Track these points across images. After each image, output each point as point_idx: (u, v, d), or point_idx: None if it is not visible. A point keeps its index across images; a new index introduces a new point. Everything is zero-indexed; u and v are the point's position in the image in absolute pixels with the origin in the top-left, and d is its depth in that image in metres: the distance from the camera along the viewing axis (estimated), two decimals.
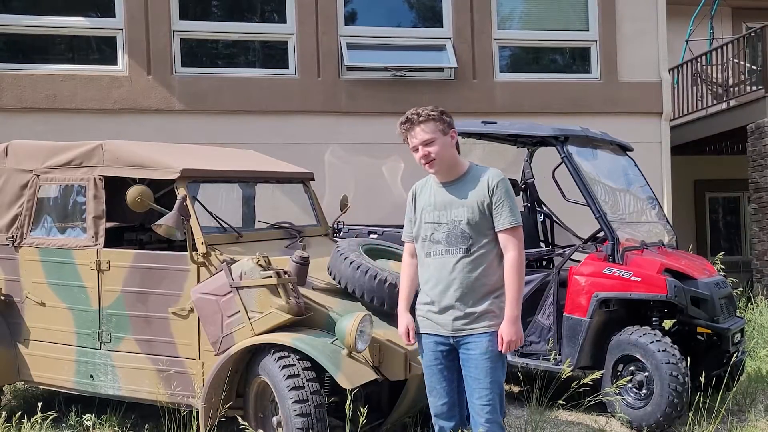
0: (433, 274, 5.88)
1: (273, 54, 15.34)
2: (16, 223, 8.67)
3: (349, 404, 6.31)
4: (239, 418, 6.98)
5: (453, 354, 5.94)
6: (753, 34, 18.29)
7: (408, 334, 6.00)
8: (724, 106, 19.21)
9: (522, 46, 16.45)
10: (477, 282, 5.80)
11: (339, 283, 7.54)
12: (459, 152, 6.09)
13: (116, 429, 8.51)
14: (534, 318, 9.71)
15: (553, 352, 9.37)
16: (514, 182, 11.62)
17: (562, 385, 8.71)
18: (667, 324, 9.74)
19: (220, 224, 8.25)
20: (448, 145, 6.01)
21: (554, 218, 11.56)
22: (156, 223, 7.21)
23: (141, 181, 7.90)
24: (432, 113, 6.01)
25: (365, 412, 6.49)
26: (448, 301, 5.82)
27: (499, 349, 5.73)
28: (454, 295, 5.81)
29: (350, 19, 15.20)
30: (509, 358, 9.66)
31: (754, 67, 18.65)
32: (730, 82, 19.35)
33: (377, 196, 14.46)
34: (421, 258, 5.98)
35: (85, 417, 7.64)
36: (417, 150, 5.95)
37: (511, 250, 5.79)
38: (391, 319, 7.11)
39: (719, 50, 19.69)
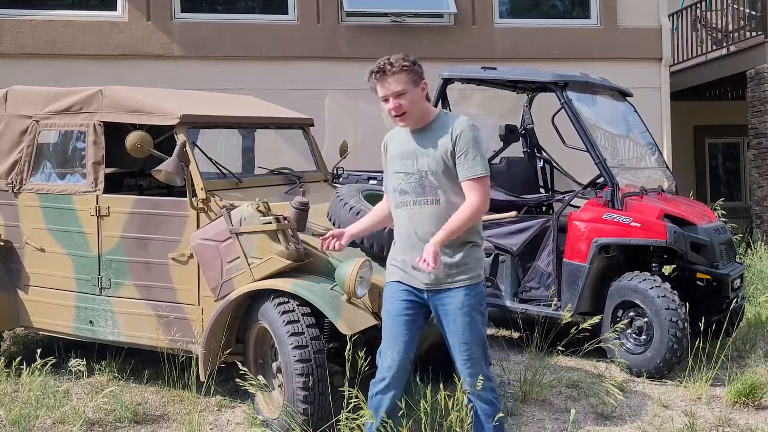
0: (405, 226, 5.75)
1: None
2: (15, 168, 8.65)
3: (349, 350, 6.27)
4: (239, 363, 7.01)
5: (420, 309, 5.80)
6: None
7: (329, 238, 5.89)
8: (723, 51, 19.15)
9: None
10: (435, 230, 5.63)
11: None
12: (429, 101, 5.92)
13: (116, 374, 8.54)
14: (534, 264, 9.72)
15: (553, 297, 9.38)
16: (513, 128, 11.62)
17: (562, 330, 8.74)
18: (667, 270, 9.75)
19: (220, 170, 8.23)
20: (419, 97, 5.71)
21: (554, 164, 11.54)
22: (155, 168, 7.19)
23: (140, 127, 7.85)
24: (405, 63, 5.69)
25: (365, 358, 6.50)
26: (420, 254, 5.53)
27: (425, 265, 5.45)
28: (412, 242, 5.72)
29: None
30: (509, 304, 9.75)
31: (753, 13, 18.58)
32: (730, 27, 19.27)
33: (376, 141, 14.34)
34: (393, 210, 5.87)
35: (76, 361, 7.61)
36: (387, 101, 5.71)
37: (473, 197, 5.58)
38: None
39: None
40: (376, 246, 7.16)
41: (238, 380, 7.02)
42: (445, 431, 6.18)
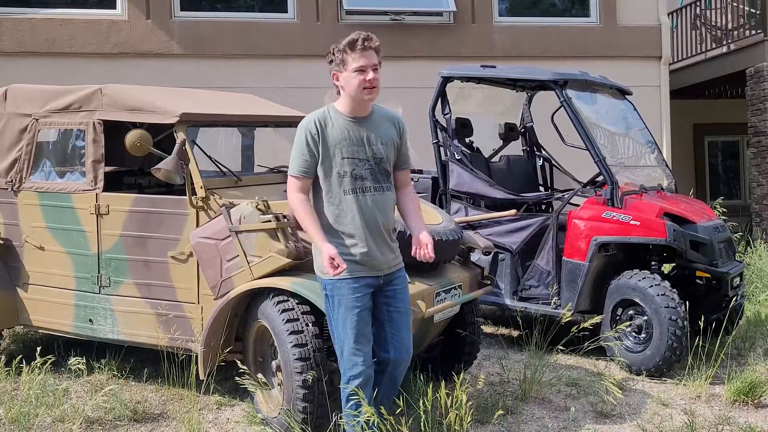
0: (367, 212, 5.83)
1: None
2: (15, 167, 8.65)
3: None
4: (238, 362, 7.01)
5: (371, 296, 5.97)
6: None
7: (333, 260, 5.70)
8: (723, 50, 19.12)
9: None
10: (393, 217, 6.03)
11: None
12: None
13: (115, 373, 8.55)
14: (533, 262, 9.72)
15: (553, 296, 9.39)
16: (513, 126, 11.64)
17: (561, 329, 8.74)
18: (667, 268, 9.76)
19: (220, 168, 8.23)
20: None
21: (553, 162, 11.55)
22: (155, 167, 7.19)
23: (140, 125, 7.87)
24: (379, 44, 5.91)
25: None
26: (381, 238, 5.88)
27: (426, 253, 5.91)
28: (384, 231, 5.91)
29: None
30: (508, 302, 9.77)
31: (753, 11, 18.57)
32: (730, 25, 19.26)
33: None
34: (335, 195, 5.83)
35: (75, 359, 7.62)
36: (363, 71, 5.76)
37: (410, 186, 6.27)
38: None
39: None
40: None
41: (237, 379, 7.03)
42: (445, 429, 6.18)
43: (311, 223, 5.81)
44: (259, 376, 7.08)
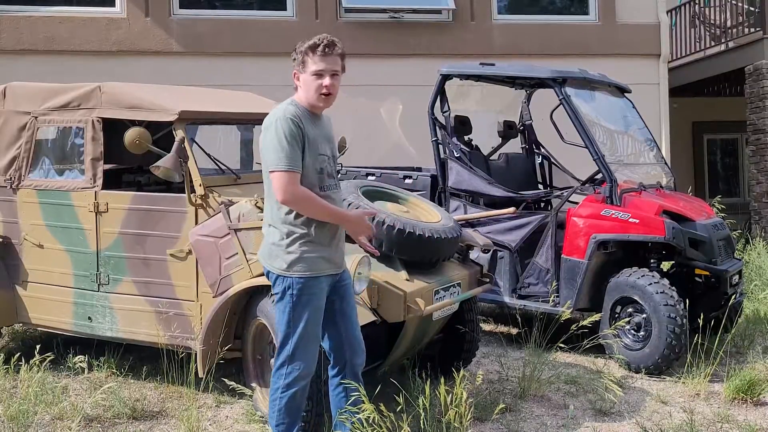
0: None
1: None
2: (14, 164, 8.65)
3: None
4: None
5: None
6: None
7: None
8: (722, 47, 19.11)
9: None
10: None
11: None
12: None
13: (114, 371, 8.55)
14: (532, 260, 9.73)
15: (553, 294, 9.39)
16: (512, 124, 11.64)
17: (561, 327, 8.74)
18: (666, 266, 9.76)
19: (218, 166, 8.24)
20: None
21: (552, 160, 11.55)
22: (154, 165, 7.17)
23: (139, 123, 7.87)
24: (343, 49, 5.88)
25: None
26: (341, 235, 5.91)
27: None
28: (341, 228, 5.91)
29: None
30: (507, 300, 9.78)
31: (752, 9, 18.56)
32: (729, 23, 19.24)
33: (375, 137, 14.45)
34: (314, 191, 5.68)
35: (77, 359, 7.64)
36: (321, 76, 5.70)
37: None
38: (389, 261, 7.13)
39: None
40: (375, 242, 7.15)
41: (228, 382, 7.02)
42: (444, 427, 6.18)
43: (332, 207, 5.76)
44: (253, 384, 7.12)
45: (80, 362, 7.48)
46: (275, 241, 5.73)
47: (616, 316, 9.04)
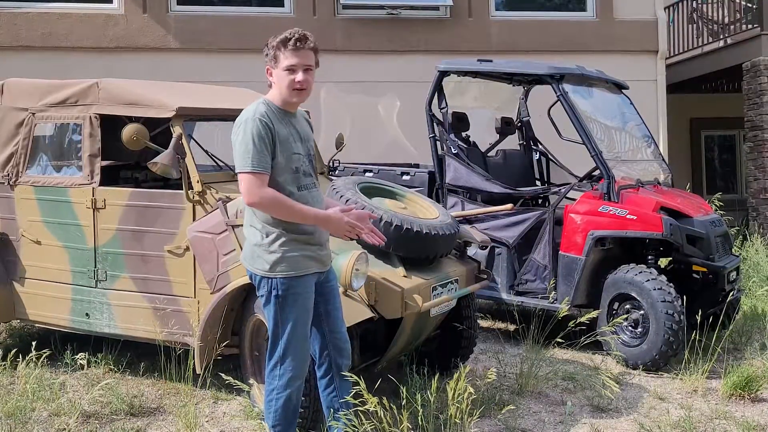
0: (313, 207, 5.68)
1: None
2: (11, 161, 8.65)
3: None
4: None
5: None
6: None
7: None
8: (720, 44, 19.14)
9: None
10: None
11: None
12: None
13: (112, 367, 8.54)
14: (530, 256, 9.73)
15: (551, 291, 9.39)
16: (509, 120, 11.64)
17: (558, 323, 8.75)
18: (663, 262, 9.76)
19: (216, 162, 8.24)
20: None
21: (550, 156, 11.56)
22: (151, 161, 7.16)
23: (137, 120, 7.87)
24: (316, 44, 5.70)
25: (360, 350, 6.50)
26: (324, 233, 5.78)
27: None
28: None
29: None
30: (505, 297, 9.78)
31: (750, 5, 18.57)
32: (726, 20, 19.27)
33: (373, 134, 14.45)
34: (289, 192, 5.60)
35: (78, 356, 7.66)
36: (294, 71, 5.57)
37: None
38: (386, 257, 7.12)
39: None
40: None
41: (225, 378, 7.01)
42: (443, 424, 6.19)
43: (304, 208, 5.58)
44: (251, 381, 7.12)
45: (80, 359, 7.49)
46: (257, 242, 5.68)
47: (614, 312, 9.04)
